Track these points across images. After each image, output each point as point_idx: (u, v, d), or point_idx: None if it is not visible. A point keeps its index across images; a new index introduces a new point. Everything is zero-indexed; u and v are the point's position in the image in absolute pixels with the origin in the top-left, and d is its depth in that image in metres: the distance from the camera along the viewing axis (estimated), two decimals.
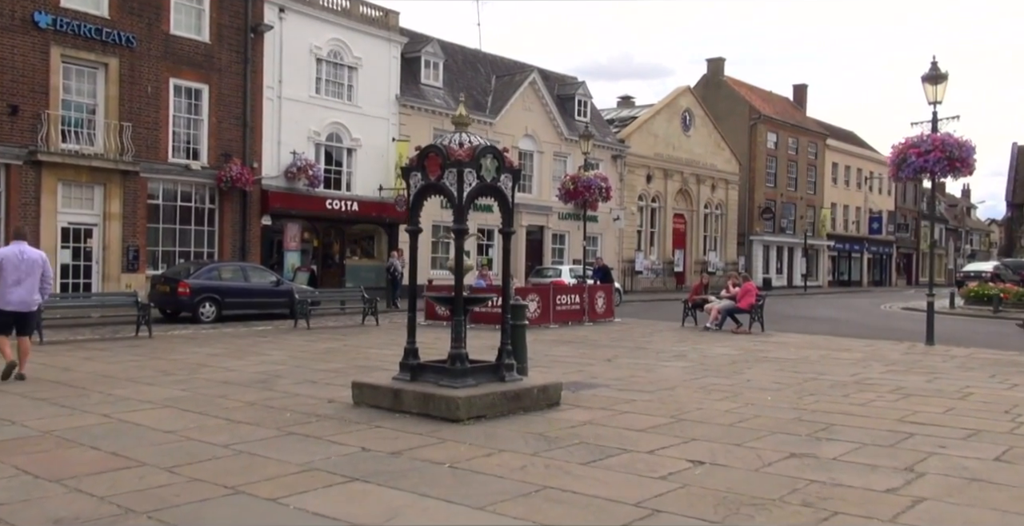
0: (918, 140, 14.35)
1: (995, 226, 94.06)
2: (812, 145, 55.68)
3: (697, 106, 45.06)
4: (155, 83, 21.88)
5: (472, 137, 7.08)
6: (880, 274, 65.92)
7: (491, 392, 6.66)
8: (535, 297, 17.94)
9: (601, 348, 13.19)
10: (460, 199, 6.78)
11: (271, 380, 8.75)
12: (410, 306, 7.36)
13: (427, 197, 7.28)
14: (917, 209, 72.03)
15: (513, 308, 7.92)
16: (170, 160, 22.30)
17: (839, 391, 8.48)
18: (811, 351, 12.89)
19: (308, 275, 25.92)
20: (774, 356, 12.12)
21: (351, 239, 28.98)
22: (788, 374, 9.92)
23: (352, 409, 6.95)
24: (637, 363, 10.97)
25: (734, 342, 14.49)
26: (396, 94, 29.03)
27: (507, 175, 7.20)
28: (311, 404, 7.20)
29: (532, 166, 34.99)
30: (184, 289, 18.19)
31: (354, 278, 28.00)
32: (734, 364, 11.03)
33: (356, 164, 27.89)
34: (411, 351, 7.19)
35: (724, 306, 17.45)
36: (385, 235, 29.18)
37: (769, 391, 8.41)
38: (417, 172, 7.13)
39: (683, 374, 9.82)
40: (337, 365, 10.24)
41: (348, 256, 28.67)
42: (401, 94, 29.24)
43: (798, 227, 53.22)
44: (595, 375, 9.65)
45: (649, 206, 41.77)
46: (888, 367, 10.84)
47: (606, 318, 19.76)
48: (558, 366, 10.56)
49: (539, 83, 34.94)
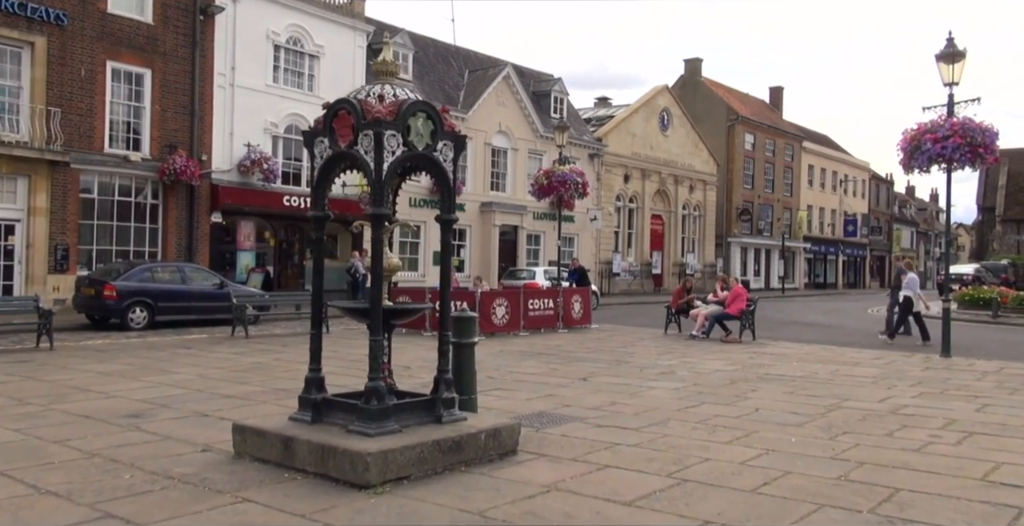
0: (934, 125, 12.68)
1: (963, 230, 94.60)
2: (789, 147, 54.70)
3: (675, 106, 43.57)
4: (89, 66, 19.74)
5: (399, 90, 5.23)
6: (854, 276, 65.54)
7: (419, 442, 4.76)
8: (503, 302, 16.10)
9: (576, 362, 11.37)
10: (379, 173, 4.92)
11: (149, 413, 6.81)
12: (313, 321, 5.46)
13: (339, 171, 5.41)
14: (890, 212, 71.68)
15: (455, 322, 6.06)
16: (106, 150, 20.15)
17: (878, 426, 6.70)
18: (817, 366, 11.15)
19: (263, 277, 23.84)
20: (777, 373, 10.36)
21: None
22: (803, 399, 8.14)
23: (228, 464, 5.03)
24: (618, 383, 9.15)
25: (726, 353, 12.74)
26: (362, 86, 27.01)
27: (447, 143, 5.35)
28: (176, 455, 5.27)
29: (506, 164, 33.20)
30: (110, 292, 16.11)
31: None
32: (733, 384, 9.25)
33: None
34: (313, 382, 5.29)
35: (712, 312, 15.71)
36: (349, 234, 27.19)
37: (789, 427, 6.60)
38: (324, 138, 5.26)
39: (675, 400, 8.01)
40: (251, 387, 8.32)
41: (308, 257, 26.61)
42: None
43: (775, 229, 52.14)
44: (567, 401, 7.81)
45: (627, 207, 40.14)
46: (917, 388, 9.10)
47: (583, 324, 17.96)
48: (523, 388, 8.71)
49: (513, 78, 33.15)
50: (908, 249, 77.57)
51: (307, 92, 25.36)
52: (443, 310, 5.63)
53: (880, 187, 69.79)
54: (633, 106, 41.70)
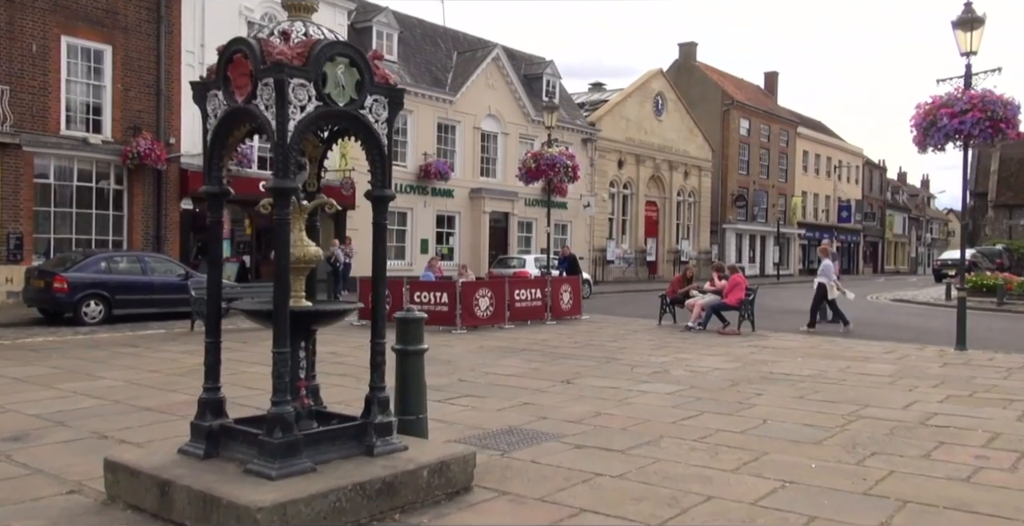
0: (950, 99, 11.54)
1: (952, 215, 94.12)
2: (784, 133, 53.62)
3: (670, 90, 42.33)
4: (41, 41, 18.43)
5: (313, 27, 4.07)
6: (848, 263, 64.79)
7: (335, 488, 3.63)
8: (487, 292, 14.96)
9: (561, 360, 10.26)
10: (282, 133, 3.77)
11: (36, 434, 5.67)
12: (209, 327, 4.32)
13: (241, 135, 4.27)
14: (883, 198, 70.86)
15: (399, 324, 4.92)
16: (63, 132, 18.89)
17: (910, 444, 5.60)
18: (825, 362, 10.06)
19: (237, 266, 22.63)
20: (782, 371, 9.27)
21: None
22: (816, 405, 7.05)
23: (93, 514, 3.89)
24: (605, 387, 8.05)
25: (725, 348, 11.65)
26: None
27: (378, 99, 4.19)
28: (32, 500, 4.11)
29: (496, 148, 31.98)
30: (60, 285, 14.91)
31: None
32: (735, 386, 8.16)
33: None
34: (208, 404, 4.16)
35: (709, 302, 14.61)
36: (331, 222, 26.01)
37: (805, 446, 5.50)
38: (218, 90, 4.11)
39: (669, 408, 6.91)
40: (181, 397, 7.19)
41: None
42: None
43: (770, 215, 51.10)
44: (545, 411, 6.71)
45: (621, 193, 38.97)
46: (941, 390, 8.02)
47: (572, 315, 16.84)
48: (496, 394, 7.61)
49: (503, 60, 31.87)
50: (900, 235, 76.84)
51: None
52: (375, 310, 4.49)
53: (873, 173, 68.87)
54: (627, 90, 40.44)
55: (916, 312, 21.26)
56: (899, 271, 72.96)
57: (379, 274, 4.53)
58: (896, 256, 75.79)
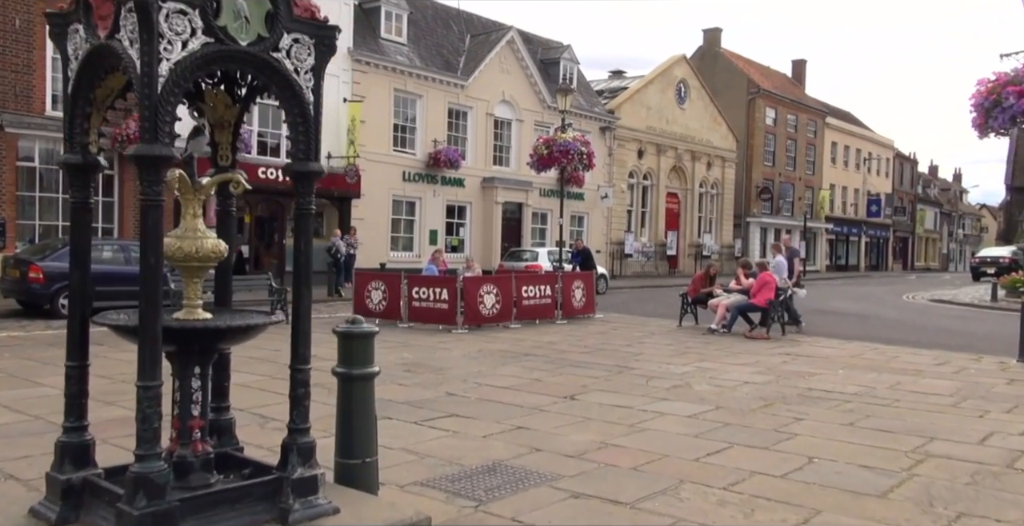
0: (1017, 76, 10.25)
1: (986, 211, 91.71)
2: (812, 123, 51.86)
3: (693, 77, 40.84)
4: (25, 16, 17.46)
5: None
6: (877, 258, 62.98)
7: None
8: (492, 289, 13.82)
9: (568, 368, 9.12)
10: (150, 78, 2.65)
11: None
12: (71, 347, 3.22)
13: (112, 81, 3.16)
14: (914, 192, 68.87)
15: (341, 341, 3.79)
16: (48, 113, 17.93)
17: (1005, 499, 4.38)
18: (871, 376, 8.85)
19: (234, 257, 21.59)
20: (822, 387, 8.07)
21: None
22: (871, 437, 5.86)
23: None
24: (615, 407, 6.90)
25: (754, 355, 10.46)
26: (349, 47, 24.67)
27: (300, 39, 3.07)
28: None
29: (510, 136, 30.80)
30: (36, 274, 13.97)
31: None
32: (769, 407, 6.98)
33: None
34: (68, 449, 3.08)
35: (734, 302, 13.39)
36: (336, 211, 25.00)
37: (867, 500, 4.32)
38: (78, 22, 2.98)
39: (691, 438, 5.76)
40: (116, 412, 6.13)
41: (289, 236, 24.40)
42: (355, 48, 24.89)
43: (796, 209, 49.47)
44: (540, 440, 5.58)
45: (640, 184, 37.65)
46: (1020, 415, 6.79)
47: (585, 314, 15.68)
48: (486, 414, 6.48)
49: (519, 43, 30.63)
50: (931, 230, 74.80)
51: None
52: (296, 323, 3.38)
53: (904, 166, 66.84)
54: (648, 77, 39.02)
55: (959, 314, 19.88)
56: (930, 268, 71.01)
57: (303, 274, 3.41)
58: (927, 252, 73.79)
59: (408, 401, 7.00)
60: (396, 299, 13.90)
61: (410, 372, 8.69)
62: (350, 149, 24.22)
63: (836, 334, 13.62)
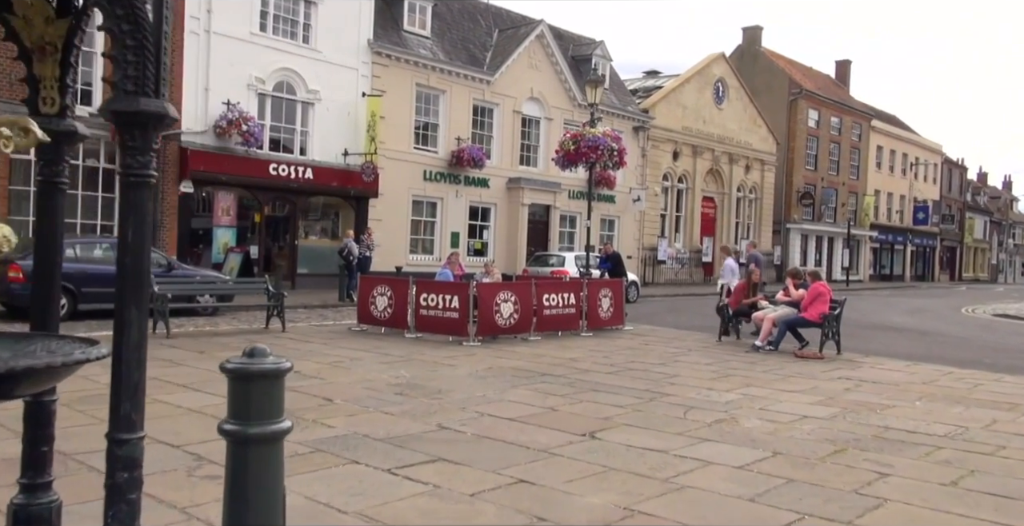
0: None
1: None
2: (856, 126, 49.72)
3: (732, 76, 39.11)
4: None
5: None
6: (923, 268, 60.39)
7: None
8: (510, 296, 12.41)
9: (589, 393, 7.68)
10: None
11: None
12: None
13: None
14: (962, 199, 66.10)
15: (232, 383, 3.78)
16: None
17: None
18: (958, 410, 7.27)
19: (242, 257, 20.49)
20: (901, 425, 6.53)
21: (308, 215, 23.55)
22: (985, 506, 4.34)
23: None
24: (645, 451, 5.44)
25: (808, 379, 8.92)
26: (369, 39, 23.51)
27: None
28: None
29: (538, 135, 29.41)
30: (16, 274, 12.90)
31: (310, 263, 22.68)
32: (840, 454, 5.48)
33: (314, 122, 22.42)
34: None
35: (782, 316, 11.83)
36: (352, 211, 23.79)
37: None
38: None
39: (745, 503, 4.29)
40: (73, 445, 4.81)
41: (303, 236, 23.25)
42: (376, 40, 23.71)
43: (839, 215, 47.38)
44: (546, 501, 4.15)
45: (675, 187, 36.02)
46: None
47: (612, 325, 14.22)
48: (482, 457, 5.07)
49: (548, 38, 29.25)
50: (981, 240, 71.88)
51: (301, 44, 21.89)
52: (116, 370, 2.06)
53: (953, 172, 64.20)
54: (685, 75, 37.39)
55: None
56: (978, 279, 68.16)
57: (129, 286, 2.10)
58: (975, 263, 70.86)
59: (388, 437, 5.63)
60: (403, 306, 12.56)
61: (401, 395, 7.33)
62: (370, 146, 23.02)
63: (897, 354, 12.00)
